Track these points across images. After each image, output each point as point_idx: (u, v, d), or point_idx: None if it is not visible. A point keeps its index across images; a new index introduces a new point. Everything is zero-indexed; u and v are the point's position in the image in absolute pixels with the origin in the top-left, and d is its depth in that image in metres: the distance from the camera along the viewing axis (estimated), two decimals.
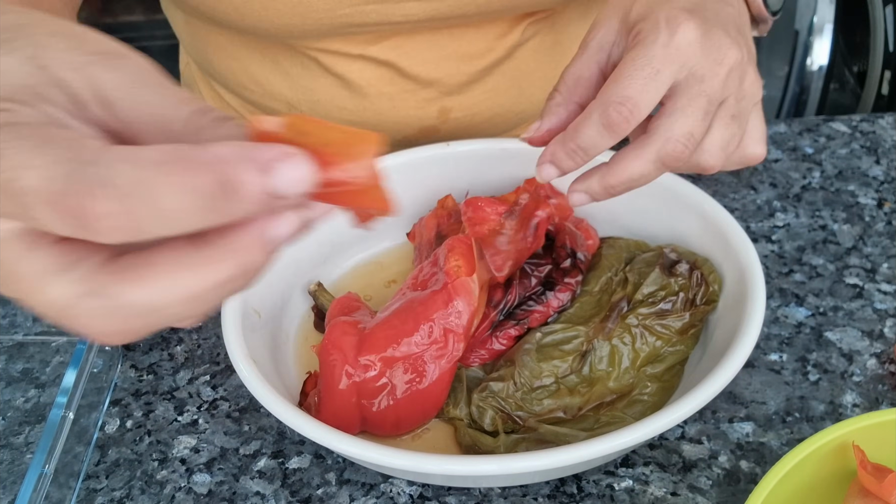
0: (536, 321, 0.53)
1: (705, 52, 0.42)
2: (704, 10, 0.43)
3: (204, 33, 0.69)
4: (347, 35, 0.64)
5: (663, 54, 0.41)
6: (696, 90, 0.42)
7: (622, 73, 0.42)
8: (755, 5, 0.49)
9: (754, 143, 0.46)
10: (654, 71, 0.41)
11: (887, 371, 0.54)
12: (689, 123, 0.42)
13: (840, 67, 1.41)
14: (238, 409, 0.54)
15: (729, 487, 0.49)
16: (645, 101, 0.41)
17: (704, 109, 0.42)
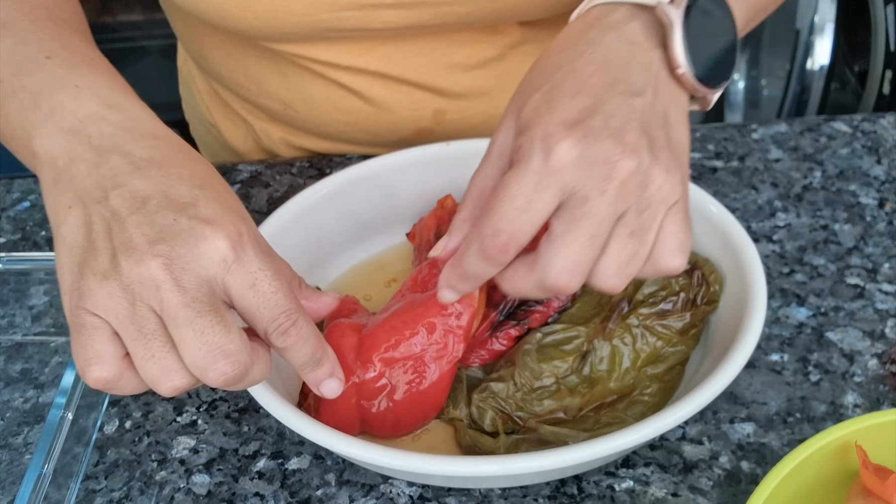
0: (537, 321, 0.53)
1: (587, 169, 0.38)
2: (593, 114, 0.39)
3: (200, 31, 0.70)
4: (331, 41, 0.64)
5: (537, 181, 0.38)
6: (579, 213, 0.38)
7: (495, 202, 0.39)
8: (685, 81, 0.42)
9: (668, 256, 0.40)
10: (527, 200, 0.38)
11: (888, 371, 0.54)
12: (570, 253, 0.38)
13: (841, 67, 1.41)
14: (237, 409, 0.54)
15: (730, 488, 0.48)
16: (521, 231, 0.39)
17: (590, 233, 0.38)
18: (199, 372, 0.38)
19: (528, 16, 0.64)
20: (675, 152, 0.41)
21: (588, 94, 0.40)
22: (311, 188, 0.58)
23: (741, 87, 1.61)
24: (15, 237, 0.67)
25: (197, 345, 0.37)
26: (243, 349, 0.38)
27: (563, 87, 0.40)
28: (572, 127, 0.39)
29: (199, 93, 0.80)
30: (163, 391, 0.38)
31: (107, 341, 0.38)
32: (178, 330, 0.37)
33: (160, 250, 0.37)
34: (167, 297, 0.37)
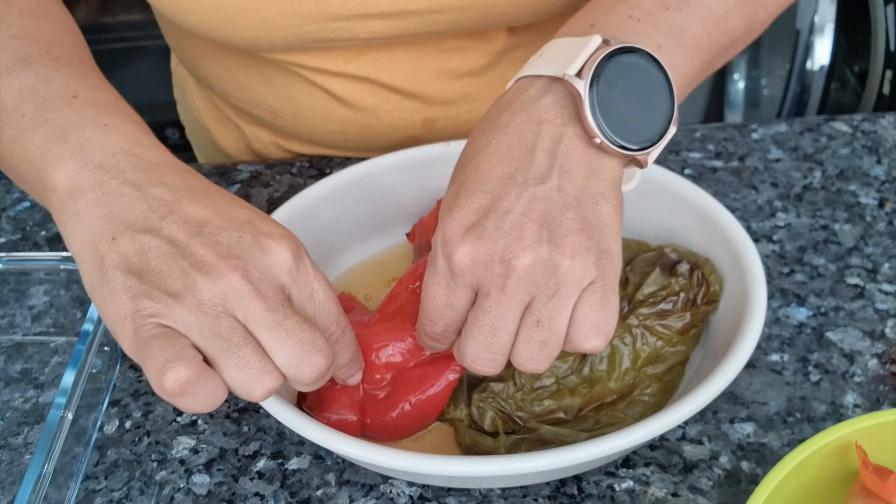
0: None
1: (484, 269, 0.40)
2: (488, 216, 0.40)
3: (189, 39, 0.70)
4: (320, 50, 0.64)
5: (446, 283, 0.42)
6: (483, 307, 0.41)
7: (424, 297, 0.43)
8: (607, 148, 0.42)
9: (582, 339, 0.41)
10: (446, 298, 0.42)
11: (888, 371, 0.54)
12: (477, 344, 0.41)
13: (841, 67, 1.41)
14: (237, 409, 0.54)
15: (730, 488, 0.48)
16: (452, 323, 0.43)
17: (492, 325, 0.40)
18: (293, 370, 0.40)
19: (515, 21, 0.64)
20: (589, 231, 0.40)
21: (486, 191, 0.41)
22: (311, 188, 0.58)
23: (741, 87, 1.61)
24: (15, 237, 0.67)
25: (291, 344, 0.39)
26: (326, 343, 0.40)
27: (464, 186, 0.42)
28: (467, 232, 0.40)
29: (192, 96, 0.80)
30: (256, 396, 0.39)
31: (186, 346, 0.38)
32: (269, 334, 0.39)
33: (236, 264, 0.39)
34: (252, 305, 0.39)
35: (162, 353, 0.37)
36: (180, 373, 0.37)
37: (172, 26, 0.71)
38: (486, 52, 0.67)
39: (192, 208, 0.41)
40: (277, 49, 0.63)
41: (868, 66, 1.31)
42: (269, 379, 0.39)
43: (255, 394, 0.39)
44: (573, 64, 0.42)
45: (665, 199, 0.57)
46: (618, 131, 0.41)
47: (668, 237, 0.57)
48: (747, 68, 1.60)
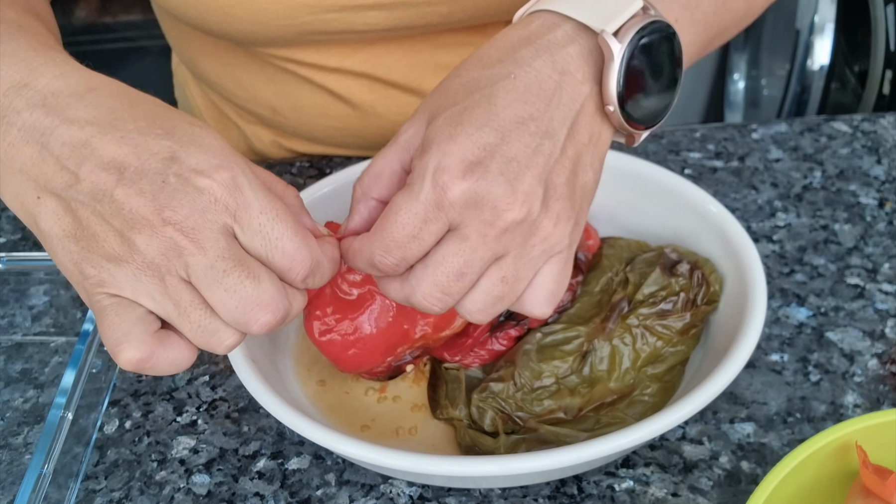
0: (537, 322, 0.53)
1: (473, 210, 0.37)
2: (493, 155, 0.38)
3: (190, 36, 0.70)
4: (316, 44, 0.64)
5: (425, 214, 0.38)
6: (454, 249, 0.38)
7: (387, 224, 0.38)
8: (615, 119, 0.41)
9: (534, 305, 0.41)
10: (416, 229, 0.38)
11: (888, 371, 0.54)
12: (437, 284, 0.38)
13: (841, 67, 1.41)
14: (237, 409, 0.54)
15: (730, 488, 0.48)
16: (410, 255, 0.39)
17: (460, 270, 0.38)
18: (241, 328, 0.37)
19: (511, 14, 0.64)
20: (574, 200, 0.40)
21: (496, 128, 0.38)
22: (311, 188, 0.58)
23: (741, 87, 1.61)
24: (15, 237, 0.67)
25: (232, 304, 0.36)
26: (277, 293, 0.37)
27: (473, 114, 0.39)
28: (470, 168, 0.37)
29: (193, 96, 0.81)
30: (220, 352, 0.38)
31: (135, 320, 0.36)
32: (210, 293, 0.36)
33: (167, 216, 0.35)
34: (192, 261, 0.36)
35: (112, 332, 0.36)
36: (130, 354, 0.36)
37: (172, 23, 0.71)
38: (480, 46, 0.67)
39: (106, 149, 0.36)
40: (274, 43, 0.63)
41: (868, 66, 1.31)
42: (225, 337, 0.37)
43: (217, 351, 0.38)
44: (613, 22, 0.39)
45: (665, 200, 0.57)
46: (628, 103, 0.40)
47: (668, 237, 0.57)
48: (747, 68, 1.60)
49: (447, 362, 0.52)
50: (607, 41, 0.39)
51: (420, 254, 0.39)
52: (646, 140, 0.53)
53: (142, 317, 0.37)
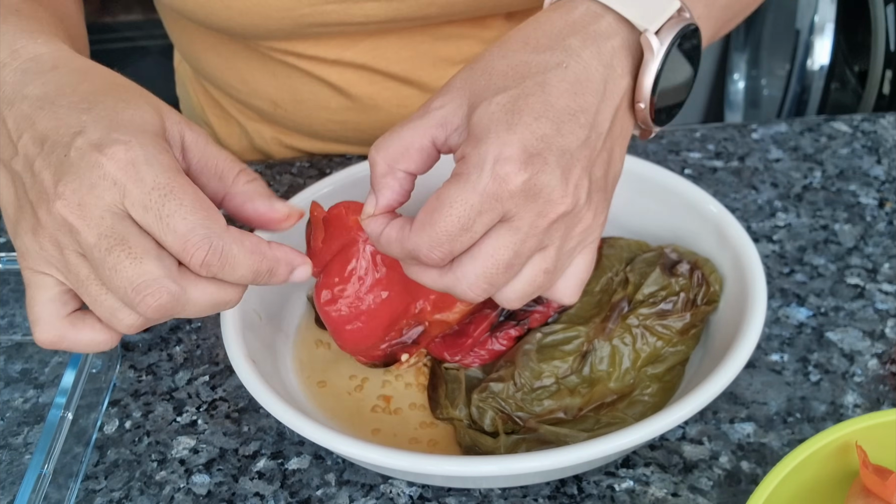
0: (537, 321, 0.53)
1: (529, 202, 0.37)
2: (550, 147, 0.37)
3: (192, 31, 0.70)
4: (316, 37, 0.64)
5: (481, 204, 0.37)
6: (506, 241, 0.38)
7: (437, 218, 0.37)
8: (640, 116, 0.42)
9: (563, 292, 0.42)
10: (470, 221, 0.37)
11: (888, 371, 0.54)
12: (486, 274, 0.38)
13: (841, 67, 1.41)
14: (237, 409, 0.54)
15: (730, 488, 0.48)
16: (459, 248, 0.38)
17: (510, 262, 0.38)
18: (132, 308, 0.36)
19: (511, 7, 0.64)
20: (608, 191, 0.41)
21: (552, 119, 0.38)
22: (311, 188, 0.58)
23: (741, 87, 1.61)
24: None
25: (117, 283, 0.35)
26: (164, 275, 0.36)
27: (528, 102, 0.38)
28: (531, 159, 0.37)
29: (195, 93, 0.81)
30: (122, 331, 0.38)
31: (46, 301, 0.37)
32: (98, 271, 0.36)
33: (60, 191, 0.35)
34: (81, 238, 0.36)
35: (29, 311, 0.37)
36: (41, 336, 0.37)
37: (174, 18, 0.71)
38: (482, 39, 0.67)
39: (40, 123, 0.37)
40: (274, 35, 0.63)
41: (868, 66, 1.31)
42: (122, 315, 0.37)
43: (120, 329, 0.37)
44: (656, 21, 0.40)
45: (665, 199, 0.57)
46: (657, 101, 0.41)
47: (668, 237, 0.57)
48: (747, 68, 1.60)
49: (447, 362, 0.52)
50: (650, 41, 0.40)
51: (468, 246, 0.38)
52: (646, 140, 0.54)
53: (55, 297, 0.37)
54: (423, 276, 0.41)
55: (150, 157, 0.36)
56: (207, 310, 0.38)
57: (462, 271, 0.39)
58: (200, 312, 0.38)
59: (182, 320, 0.60)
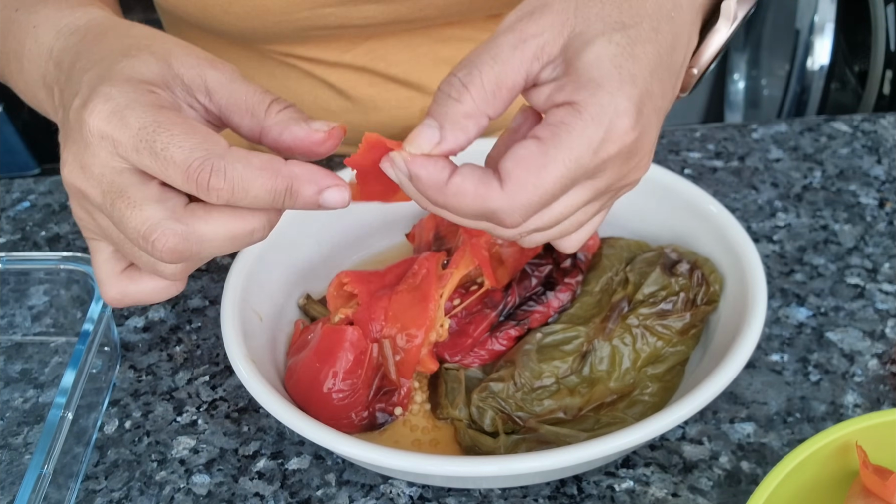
0: (537, 321, 0.53)
1: (621, 166, 0.36)
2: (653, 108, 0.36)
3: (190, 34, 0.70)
4: (315, 39, 0.64)
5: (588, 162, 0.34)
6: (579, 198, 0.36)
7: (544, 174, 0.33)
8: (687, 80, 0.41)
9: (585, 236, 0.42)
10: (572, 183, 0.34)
11: (888, 371, 0.54)
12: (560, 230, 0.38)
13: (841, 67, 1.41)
14: (237, 409, 0.54)
15: (730, 488, 0.48)
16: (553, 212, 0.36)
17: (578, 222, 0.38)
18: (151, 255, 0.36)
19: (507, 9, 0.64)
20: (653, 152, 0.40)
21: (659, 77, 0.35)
22: None
23: (741, 87, 1.61)
24: (15, 237, 0.67)
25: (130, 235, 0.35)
26: (165, 217, 0.35)
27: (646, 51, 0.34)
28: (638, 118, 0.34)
29: None
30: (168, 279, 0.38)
31: (102, 263, 0.38)
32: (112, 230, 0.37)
33: (65, 158, 0.37)
34: (91, 200, 0.36)
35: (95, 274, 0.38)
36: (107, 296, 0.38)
37: (173, 21, 0.72)
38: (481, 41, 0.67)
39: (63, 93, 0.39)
40: (274, 39, 0.64)
41: (868, 66, 1.31)
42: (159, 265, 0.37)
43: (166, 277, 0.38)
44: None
45: (665, 199, 0.57)
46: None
47: (669, 237, 0.57)
48: (747, 68, 1.60)
49: (447, 362, 0.52)
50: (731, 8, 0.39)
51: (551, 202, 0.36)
52: None
53: (108, 257, 0.38)
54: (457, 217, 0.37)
55: (130, 102, 0.35)
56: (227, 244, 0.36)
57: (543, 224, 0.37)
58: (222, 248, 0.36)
59: (182, 319, 0.60)
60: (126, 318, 0.60)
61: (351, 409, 0.49)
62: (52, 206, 0.70)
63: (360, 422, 0.49)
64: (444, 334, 0.51)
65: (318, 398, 0.48)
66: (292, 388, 0.50)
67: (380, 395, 0.50)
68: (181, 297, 0.61)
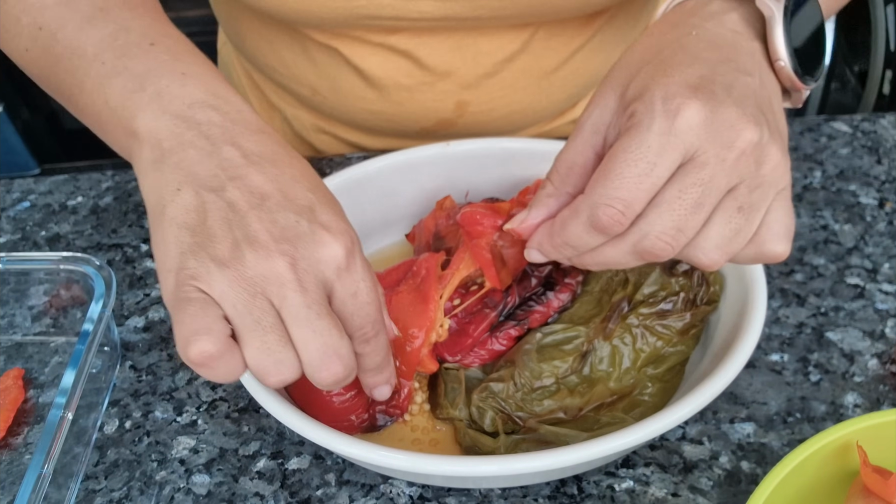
0: (537, 321, 0.53)
1: (712, 134, 0.37)
2: (713, 82, 0.38)
3: (239, 14, 0.71)
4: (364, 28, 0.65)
5: (660, 144, 0.36)
6: (692, 179, 0.37)
7: (612, 167, 0.37)
8: (784, 74, 0.42)
9: (773, 240, 0.40)
10: (650, 166, 0.36)
11: (888, 371, 0.54)
12: (673, 219, 0.37)
13: (841, 67, 1.41)
14: (237, 409, 0.54)
15: (730, 488, 0.48)
16: (639, 199, 0.37)
17: (696, 201, 0.37)
18: (312, 370, 0.39)
19: (561, 14, 0.64)
20: (784, 141, 0.40)
21: (703, 64, 0.38)
22: None
23: None
24: (15, 237, 0.67)
25: (315, 345, 0.39)
26: (351, 353, 0.40)
27: (675, 59, 0.39)
28: (696, 89, 0.37)
29: (237, 76, 0.82)
30: (270, 383, 0.39)
31: (218, 318, 0.38)
32: (298, 329, 0.38)
33: (285, 249, 0.38)
34: (290, 295, 0.38)
35: (192, 322, 0.38)
36: (204, 347, 0.37)
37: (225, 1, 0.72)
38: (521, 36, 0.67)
39: (258, 178, 0.40)
40: (327, 23, 0.64)
41: (868, 65, 1.31)
42: (284, 369, 0.39)
43: (268, 380, 0.39)
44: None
45: None
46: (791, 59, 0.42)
47: None
48: None
49: (447, 362, 0.52)
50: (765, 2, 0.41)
51: (646, 198, 0.37)
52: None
53: (221, 317, 0.38)
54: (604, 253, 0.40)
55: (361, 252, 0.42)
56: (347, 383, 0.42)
57: (647, 222, 0.38)
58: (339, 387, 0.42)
59: None
60: (126, 318, 0.60)
61: (351, 412, 0.49)
62: (52, 206, 0.70)
63: (361, 423, 0.49)
64: (443, 334, 0.51)
65: (318, 400, 0.48)
66: (293, 390, 0.49)
67: None
68: None
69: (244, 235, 0.38)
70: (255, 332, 0.38)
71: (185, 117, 0.42)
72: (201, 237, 0.39)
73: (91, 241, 0.67)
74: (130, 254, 0.65)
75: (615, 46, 0.71)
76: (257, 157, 0.41)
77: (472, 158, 0.62)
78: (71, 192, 0.72)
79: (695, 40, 0.40)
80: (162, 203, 0.40)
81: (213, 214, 0.39)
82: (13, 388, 0.54)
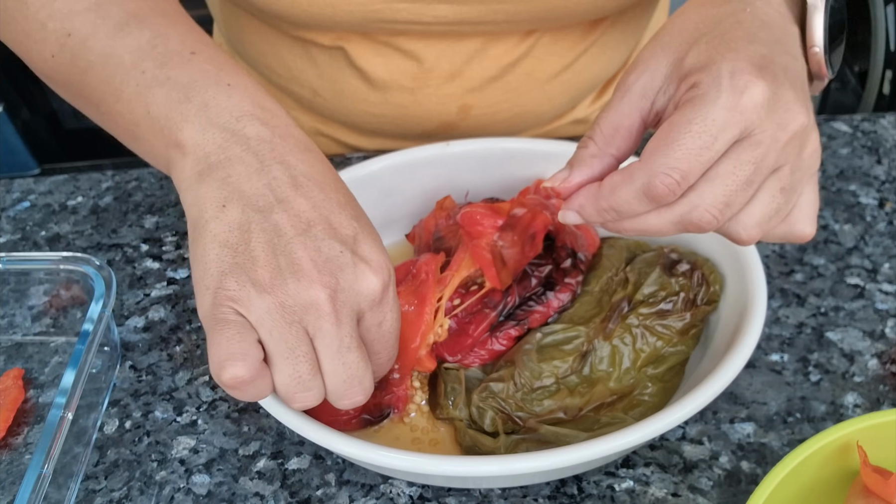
0: (537, 321, 0.53)
1: (771, 115, 0.37)
2: (773, 63, 0.38)
3: (238, 14, 0.71)
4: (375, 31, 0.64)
5: (725, 118, 0.37)
6: (747, 157, 0.37)
7: (675, 136, 0.37)
8: (815, 61, 0.42)
9: (803, 221, 0.41)
10: (712, 139, 0.37)
11: (888, 371, 0.54)
12: (725, 193, 0.38)
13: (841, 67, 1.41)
14: (237, 409, 0.54)
15: (730, 488, 0.48)
16: (696, 171, 0.37)
17: (747, 178, 0.38)
18: (335, 397, 0.41)
19: (576, 18, 0.64)
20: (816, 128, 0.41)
21: (761, 43, 0.39)
22: None
23: None
24: (15, 237, 0.67)
25: (343, 376, 0.40)
26: (372, 380, 0.42)
27: (735, 34, 0.39)
28: (761, 69, 0.37)
29: None
30: (295, 408, 0.41)
31: (253, 344, 0.38)
32: (328, 359, 0.39)
33: (327, 282, 0.39)
34: (326, 327, 0.39)
35: (229, 345, 0.38)
36: (238, 372, 0.38)
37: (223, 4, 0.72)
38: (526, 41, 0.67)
39: (306, 204, 0.40)
40: (339, 27, 0.63)
41: (868, 66, 1.31)
42: (311, 396, 0.40)
43: (293, 405, 0.41)
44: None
45: None
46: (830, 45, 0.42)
47: (669, 237, 0.57)
48: None
49: (447, 362, 0.52)
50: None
51: (705, 167, 0.38)
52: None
53: (256, 342, 0.39)
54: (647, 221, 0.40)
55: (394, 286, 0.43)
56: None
57: (697, 194, 0.38)
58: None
59: (182, 319, 0.60)
60: (126, 318, 0.60)
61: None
62: (52, 206, 0.70)
63: (358, 414, 0.50)
64: (443, 334, 0.51)
65: None
66: None
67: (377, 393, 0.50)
68: (181, 297, 0.61)
69: (288, 263, 0.39)
70: (289, 360, 0.39)
71: (234, 131, 0.41)
72: (243, 258, 0.39)
73: (91, 241, 0.67)
74: (130, 254, 0.65)
75: (616, 51, 0.71)
76: (305, 179, 0.41)
77: (473, 158, 0.62)
78: (71, 192, 0.72)
79: (750, 17, 0.40)
80: (204, 218, 0.40)
81: (257, 236, 0.39)
82: (13, 388, 0.54)
